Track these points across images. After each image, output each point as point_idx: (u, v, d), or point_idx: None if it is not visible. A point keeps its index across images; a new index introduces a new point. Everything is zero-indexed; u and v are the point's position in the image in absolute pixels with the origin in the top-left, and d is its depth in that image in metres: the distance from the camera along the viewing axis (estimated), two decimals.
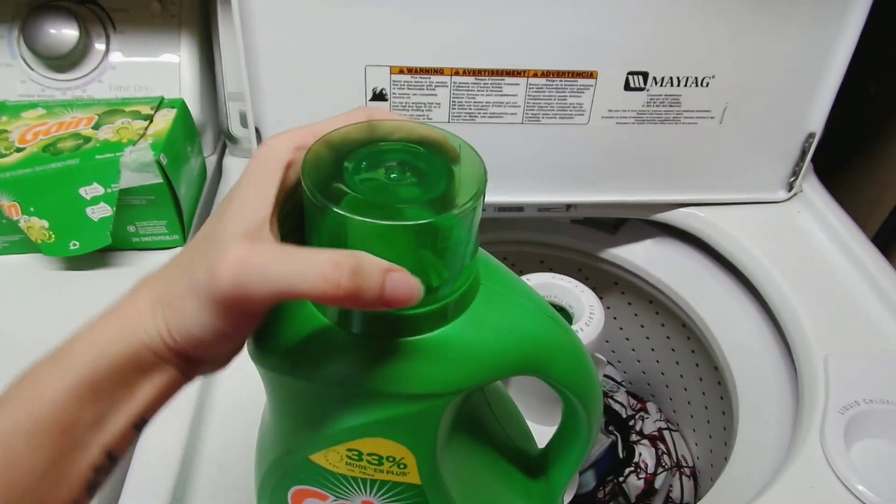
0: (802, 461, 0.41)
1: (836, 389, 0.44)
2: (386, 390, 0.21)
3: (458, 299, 0.21)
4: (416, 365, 0.21)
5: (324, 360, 0.21)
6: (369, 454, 0.22)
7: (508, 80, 0.52)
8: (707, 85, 0.53)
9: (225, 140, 0.59)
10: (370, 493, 0.24)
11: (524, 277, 0.52)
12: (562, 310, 0.53)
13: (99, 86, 0.53)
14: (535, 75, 0.52)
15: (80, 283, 0.46)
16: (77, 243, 0.45)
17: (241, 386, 0.41)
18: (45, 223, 0.44)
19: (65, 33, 0.51)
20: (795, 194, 0.61)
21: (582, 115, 0.54)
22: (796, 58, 0.53)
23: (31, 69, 0.52)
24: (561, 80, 0.52)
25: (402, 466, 0.23)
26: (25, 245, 0.47)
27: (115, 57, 0.53)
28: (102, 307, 0.44)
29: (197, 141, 0.53)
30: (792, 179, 0.60)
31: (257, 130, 0.52)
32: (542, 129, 0.54)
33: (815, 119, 0.56)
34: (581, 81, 0.52)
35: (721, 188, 0.59)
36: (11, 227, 0.46)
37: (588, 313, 0.54)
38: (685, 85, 0.53)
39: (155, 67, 0.54)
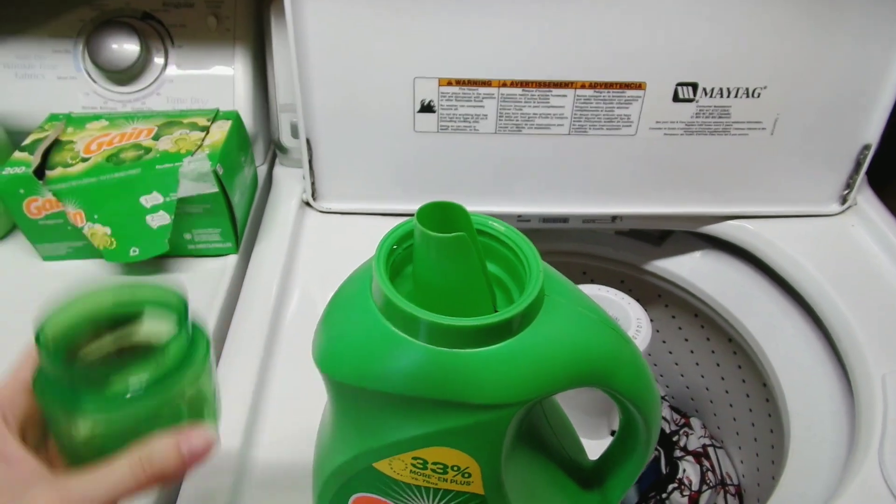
0: (861, 483, 0.40)
1: (895, 409, 0.43)
2: (454, 400, 0.21)
3: (523, 312, 0.21)
4: (484, 375, 0.21)
5: (392, 368, 0.21)
6: (434, 463, 0.22)
7: (556, 91, 0.52)
8: (758, 96, 0.53)
9: (275, 150, 0.60)
10: (433, 502, 0.24)
11: None
12: None
13: (157, 98, 0.55)
14: (583, 86, 0.52)
15: None
16: (137, 250, 0.46)
17: (296, 389, 0.42)
18: (108, 230, 0.46)
19: (126, 48, 0.53)
20: (849, 207, 0.59)
21: (629, 126, 0.54)
22: (851, 68, 0.52)
23: (95, 82, 0.55)
24: (609, 92, 0.52)
25: (466, 476, 0.23)
26: (88, 251, 0.49)
27: (173, 70, 0.55)
28: None
29: (249, 151, 0.55)
30: (846, 192, 0.58)
31: (308, 141, 0.53)
32: (589, 141, 0.54)
33: (871, 130, 0.55)
34: (629, 93, 0.52)
35: (772, 200, 0.58)
36: (76, 234, 0.48)
37: (635, 326, 0.54)
38: (735, 96, 0.53)
39: (210, 80, 0.55)
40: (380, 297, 0.22)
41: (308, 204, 0.56)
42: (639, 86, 0.52)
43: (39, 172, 0.46)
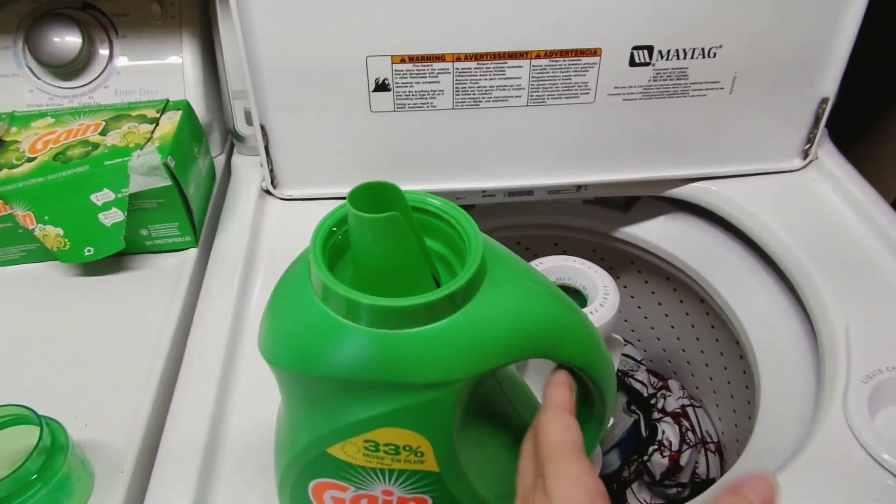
0: (826, 432, 0.41)
1: (858, 358, 0.44)
2: (398, 380, 0.21)
3: (464, 287, 0.21)
4: (427, 354, 0.21)
5: (335, 354, 0.21)
6: (386, 444, 0.22)
7: (511, 62, 0.51)
8: (714, 55, 0.52)
9: (232, 139, 0.59)
10: (389, 483, 0.24)
11: (536, 261, 0.52)
12: (576, 292, 0.52)
13: (105, 91, 0.53)
14: (538, 56, 0.51)
15: (98, 287, 0.47)
16: (92, 249, 0.45)
17: (262, 382, 0.42)
18: (60, 231, 0.45)
19: (68, 41, 0.51)
20: (811, 162, 0.60)
21: (587, 93, 0.53)
22: (806, 21, 0.51)
23: (38, 78, 0.53)
24: (564, 60, 0.51)
25: (419, 454, 0.23)
26: (41, 254, 0.48)
27: (120, 62, 0.54)
28: (120, 309, 0.45)
29: (204, 141, 0.54)
30: (807, 146, 0.59)
31: (262, 128, 0.52)
32: (548, 111, 0.54)
33: (828, 84, 0.55)
34: (585, 60, 0.52)
35: (734, 160, 0.58)
36: (27, 237, 0.46)
37: (602, 294, 0.54)
38: (692, 57, 0.52)
39: (159, 70, 0.54)
40: (318, 284, 0.21)
41: (268, 192, 0.55)
42: (594, 52, 0.51)
43: None
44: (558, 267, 0.53)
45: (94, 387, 0.40)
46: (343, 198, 0.57)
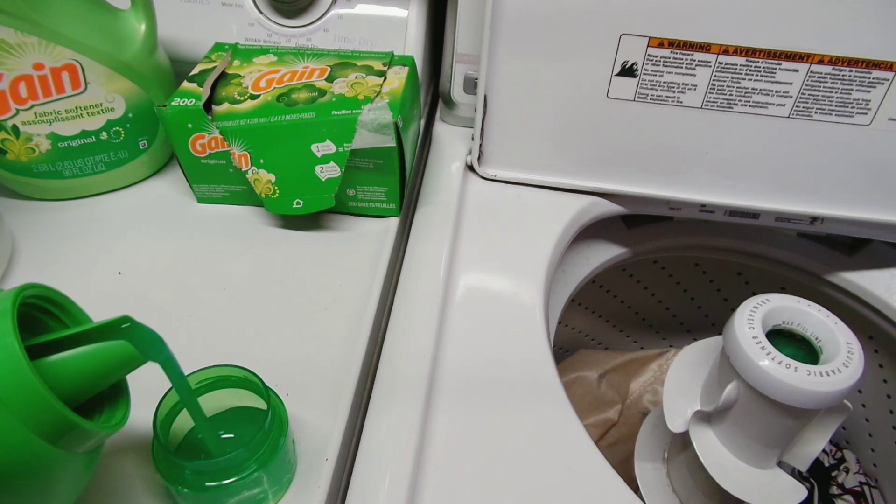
0: None
1: None
2: None
3: None
4: None
5: None
6: None
7: (786, 64, 0.44)
8: None
9: (443, 103, 0.55)
10: None
11: (762, 297, 0.44)
12: (804, 342, 0.45)
13: (324, 35, 0.50)
14: (821, 61, 0.43)
15: (296, 242, 0.43)
16: (301, 202, 0.42)
17: (471, 374, 0.37)
18: (273, 177, 0.42)
19: None
20: None
21: (865, 114, 0.45)
22: None
23: (260, 12, 0.50)
24: (850, 70, 0.43)
25: None
26: (244, 197, 0.45)
27: (343, 7, 0.50)
28: (318, 271, 0.41)
29: (418, 104, 0.49)
30: None
31: (485, 98, 0.47)
32: (811, 127, 0.46)
33: None
34: (875, 74, 0.43)
35: None
36: (236, 178, 0.44)
37: (846, 352, 0.46)
38: None
39: (382, 21, 0.50)
40: None
41: (471, 168, 0.51)
42: (890, 66, 0.43)
43: (207, 107, 0.42)
44: (789, 309, 0.45)
45: (292, 353, 0.36)
46: (548, 187, 0.51)
